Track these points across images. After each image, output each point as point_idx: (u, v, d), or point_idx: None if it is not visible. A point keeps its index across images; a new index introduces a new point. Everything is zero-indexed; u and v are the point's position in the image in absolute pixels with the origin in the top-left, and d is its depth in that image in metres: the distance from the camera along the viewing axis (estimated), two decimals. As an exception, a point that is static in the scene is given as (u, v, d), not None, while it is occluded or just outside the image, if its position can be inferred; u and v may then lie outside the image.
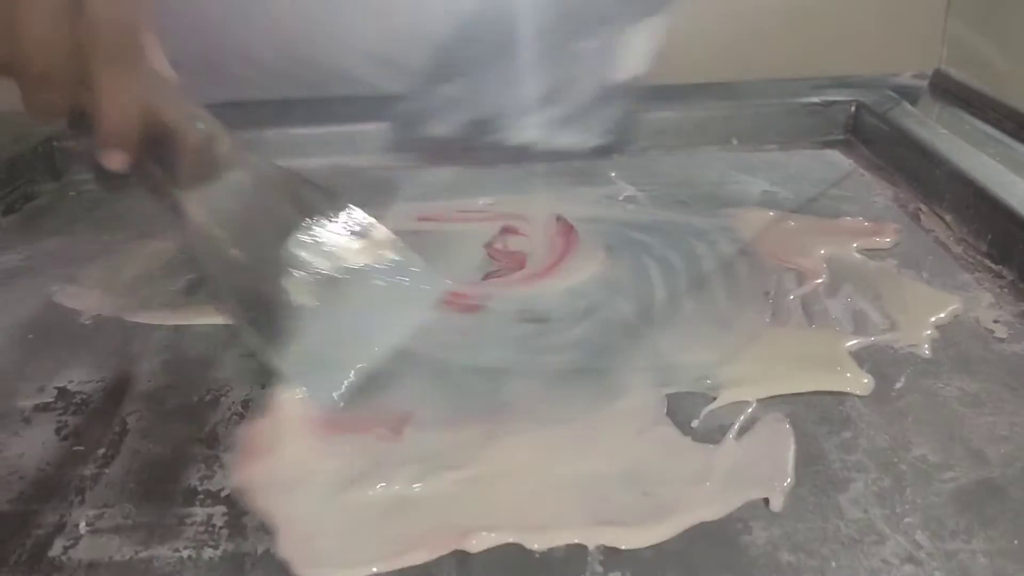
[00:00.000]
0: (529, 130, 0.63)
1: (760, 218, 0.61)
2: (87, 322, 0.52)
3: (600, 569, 0.34)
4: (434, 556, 0.34)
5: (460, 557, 0.34)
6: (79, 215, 0.67)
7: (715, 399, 0.43)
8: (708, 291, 0.53)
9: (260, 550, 0.35)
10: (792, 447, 0.40)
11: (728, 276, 0.54)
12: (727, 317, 0.50)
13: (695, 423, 0.41)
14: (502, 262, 0.57)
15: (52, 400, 0.45)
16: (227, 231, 0.44)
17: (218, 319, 0.50)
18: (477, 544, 0.35)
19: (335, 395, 0.43)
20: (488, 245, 0.59)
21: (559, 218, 0.61)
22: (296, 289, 0.43)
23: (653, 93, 0.78)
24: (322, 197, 0.46)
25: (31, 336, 0.51)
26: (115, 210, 0.67)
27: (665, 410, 0.42)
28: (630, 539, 0.35)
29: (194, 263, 0.51)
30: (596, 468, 0.39)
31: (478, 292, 0.53)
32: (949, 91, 0.78)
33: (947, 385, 0.44)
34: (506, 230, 0.61)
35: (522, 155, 0.64)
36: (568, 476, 0.38)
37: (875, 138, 0.73)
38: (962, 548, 0.34)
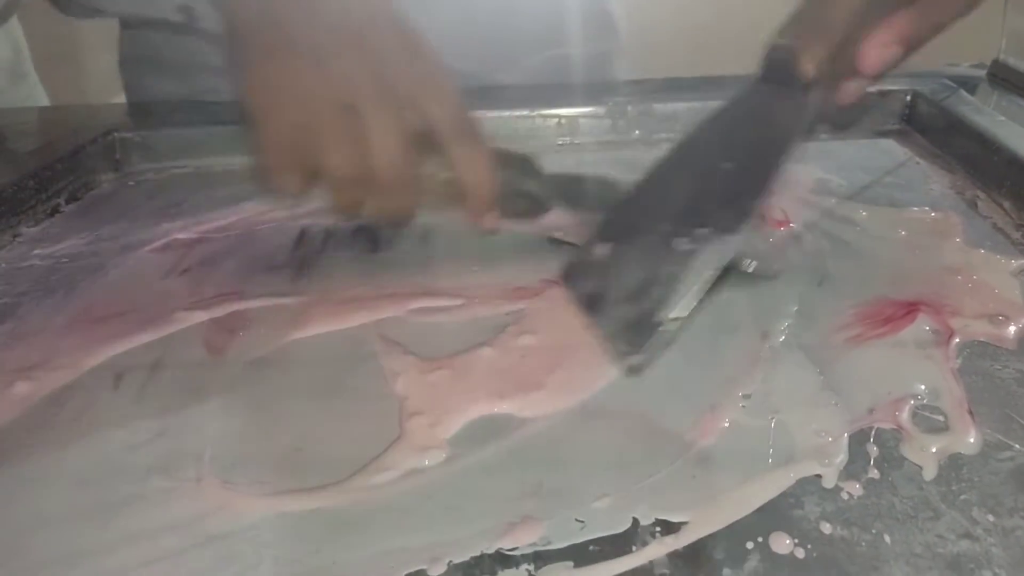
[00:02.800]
0: None
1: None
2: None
3: (652, 541, 0.34)
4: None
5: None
6: (138, 203, 0.68)
7: (766, 378, 0.43)
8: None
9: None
10: (846, 423, 0.39)
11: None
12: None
13: (746, 401, 0.41)
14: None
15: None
16: None
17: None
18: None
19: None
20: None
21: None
22: None
23: (706, 83, 0.78)
24: None
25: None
26: (173, 199, 0.68)
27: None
28: (682, 516, 0.35)
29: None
30: (647, 445, 0.39)
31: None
32: (1008, 80, 0.77)
33: (1005, 367, 0.43)
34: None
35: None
36: (622, 453, 0.39)
37: (931, 126, 0.72)
38: (1020, 525, 0.33)
